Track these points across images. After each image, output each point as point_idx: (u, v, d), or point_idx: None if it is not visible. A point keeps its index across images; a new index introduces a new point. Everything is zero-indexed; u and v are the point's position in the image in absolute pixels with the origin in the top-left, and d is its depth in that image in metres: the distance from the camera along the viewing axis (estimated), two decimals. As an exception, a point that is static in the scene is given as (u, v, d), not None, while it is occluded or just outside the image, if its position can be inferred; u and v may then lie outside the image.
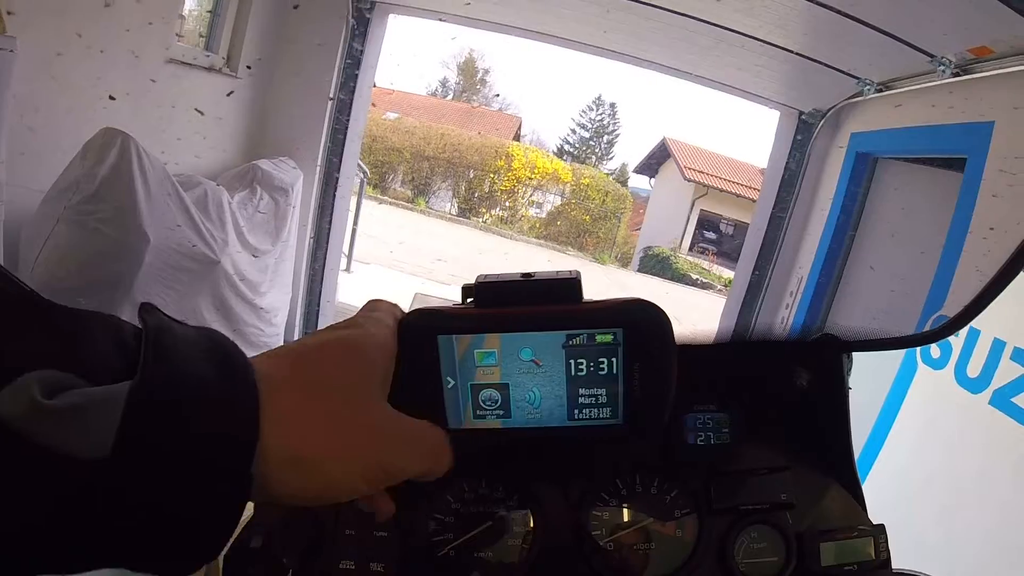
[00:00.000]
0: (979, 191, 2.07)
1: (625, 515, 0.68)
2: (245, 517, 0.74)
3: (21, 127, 1.81)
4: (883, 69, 2.56)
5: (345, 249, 3.57)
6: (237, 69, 2.55)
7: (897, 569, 0.63)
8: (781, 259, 3.00)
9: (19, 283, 0.28)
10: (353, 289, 3.93)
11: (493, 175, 6.39)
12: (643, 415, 0.53)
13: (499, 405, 0.54)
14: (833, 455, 0.66)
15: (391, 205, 6.27)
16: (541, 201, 6.65)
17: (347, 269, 4.02)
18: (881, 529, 0.62)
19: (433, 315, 0.53)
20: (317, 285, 2.94)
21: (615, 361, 0.52)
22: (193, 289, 2.20)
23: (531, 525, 0.69)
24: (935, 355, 2.05)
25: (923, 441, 1.99)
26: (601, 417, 0.54)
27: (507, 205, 6.57)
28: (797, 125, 2.98)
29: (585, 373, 0.54)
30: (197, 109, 2.39)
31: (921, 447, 1.99)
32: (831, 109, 2.88)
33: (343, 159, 2.86)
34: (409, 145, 6.25)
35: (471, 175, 6.41)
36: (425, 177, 6.38)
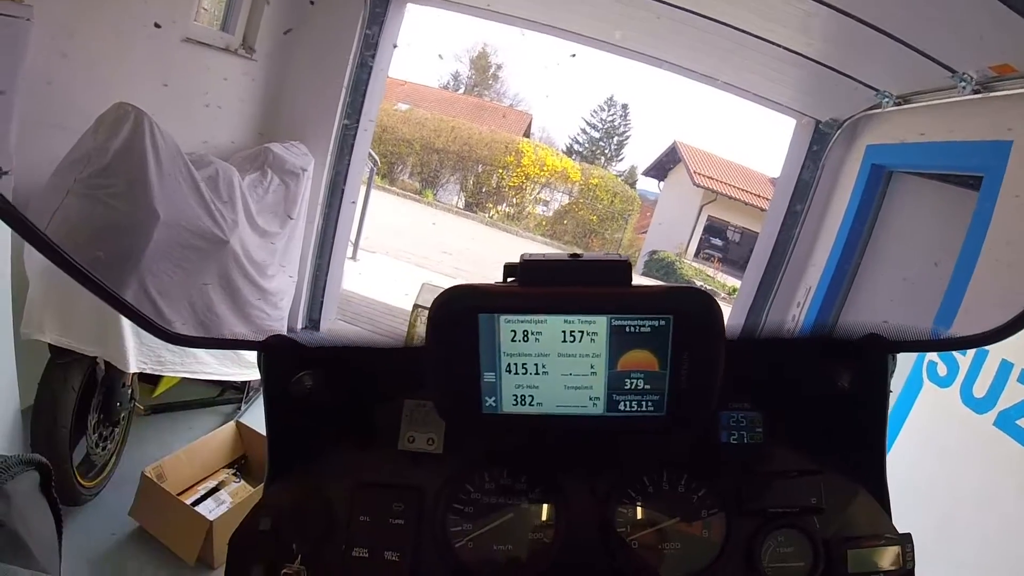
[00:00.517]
0: (994, 210, 2.06)
1: (652, 513, 0.66)
2: (254, 501, 0.72)
3: (33, 99, 1.81)
4: (903, 82, 2.54)
5: (352, 237, 3.55)
6: (253, 51, 2.53)
7: (922, 580, 0.62)
8: (790, 269, 2.99)
9: None
10: (359, 277, 3.92)
11: (502, 170, 6.37)
12: (688, 407, 0.52)
13: (537, 391, 0.53)
14: (865, 460, 0.65)
15: (398, 196, 6.25)
16: (548, 199, 6.62)
17: (353, 257, 4.00)
18: (908, 538, 0.62)
19: (474, 293, 0.51)
20: (323, 271, 2.93)
21: (663, 349, 0.50)
22: (200, 268, 2.19)
23: (554, 519, 0.67)
24: (941, 373, 2.04)
25: (925, 458, 1.98)
26: (643, 408, 0.52)
27: (514, 201, 6.55)
28: (813, 134, 2.96)
29: (630, 360, 0.52)
30: (220, 87, 2.38)
31: (923, 464, 1.98)
32: (848, 119, 2.86)
33: (355, 147, 2.85)
34: (419, 137, 6.23)
35: (480, 169, 6.39)
36: (434, 169, 6.36)
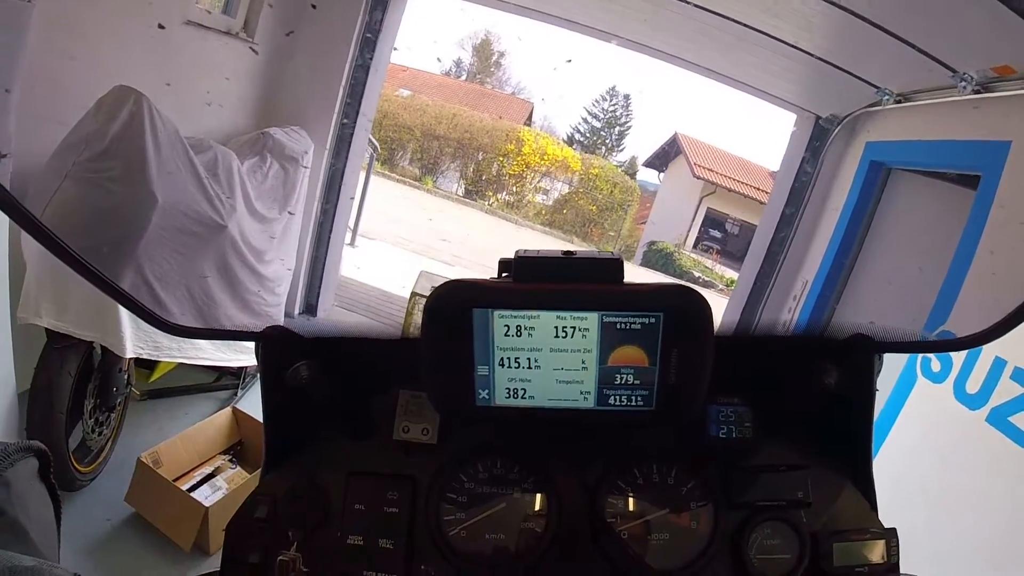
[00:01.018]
0: (991, 209, 2.07)
1: (641, 504, 0.68)
2: (250, 487, 0.73)
3: (33, 80, 1.80)
4: (903, 80, 2.54)
5: (351, 223, 3.55)
6: (254, 35, 2.52)
7: (905, 573, 0.63)
8: (787, 262, 3.00)
9: None
10: (358, 264, 3.92)
11: (502, 158, 6.35)
12: (677, 402, 0.53)
13: (530, 385, 0.54)
14: (851, 456, 0.66)
15: (397, 182, 6.23)
16: (548, 188, 6.61)
17: (352, 244, 4.00)
18: (893, 533, 0.63)
19: (468, 288, 0.52)
20: (322, 258, 2.93)
21: (652, 346, 0.52)
22: (198, 253, 2.19)
23: (545, 508, 0.68)
24: (935, 369, 2.06)
25: (918, 453, 2.00)
26: (633, 402, 0.54)
27: (514, 190, 6.53)
28: (813, 129, 2.96)
29: (620, 356, 0.53)
30: (227, 76, 2.36)
31: (915, 460, 2.00)
32: (848, 116, 2.86)
33: (355, 133, 2.84)
34: (420, 123, 6.20)
35: (480, 157, 6.37)
36: (434, 156, 6.34)
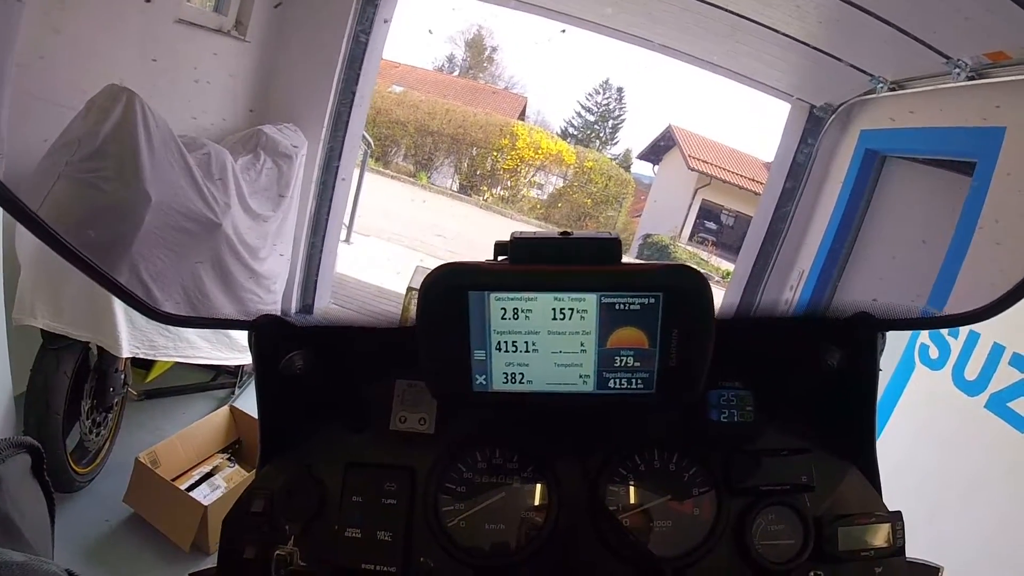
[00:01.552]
0: (987, 195, 2.07)
1: (643, 492, 0.67)
2: (247, 481, 0.72)
3: (22, 81, 1.79)
4: (897, 68, 2.54)
5: (346, 220, 3.54)
6: (246, 33, 2.50)
7: (911, 557, 0.63)
8: (783, 252, 2.99)
9: None
10: (352, 260, 3.90)
11: (496, 153, 6.34)
12: (677, 385, 0.52)
13: (528, 369, 0.53)
14: (855, 438, 0.66)
15: (391, 178, 6.21)
16: (543, 182, 6.60)
17: (347, 240, 3.98)
18: (898, 516, 0.62)
19: (464, 270, 0.51)
20: (317, 254, 2.91)
21: (652, 327, 0.51)
22: (192, 251, 2.19)
23: (546, 498, 0.67)
24: (933, 355, 2.06)
25: (917, 440, 2.00)
26: (633, 385, 0.53)
27: (509, 184, 6.52)
28: (807, 119, 2.95)
29: (619, 338, 0.52)
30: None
31: (915, 446, 1.99)
32: (842, 104, 2.86)
33: (348, 129, 2.82)
34: (413, 119, 6.18)
35: (474, 152, 6.36)
36: (428, 152, 6.32)
